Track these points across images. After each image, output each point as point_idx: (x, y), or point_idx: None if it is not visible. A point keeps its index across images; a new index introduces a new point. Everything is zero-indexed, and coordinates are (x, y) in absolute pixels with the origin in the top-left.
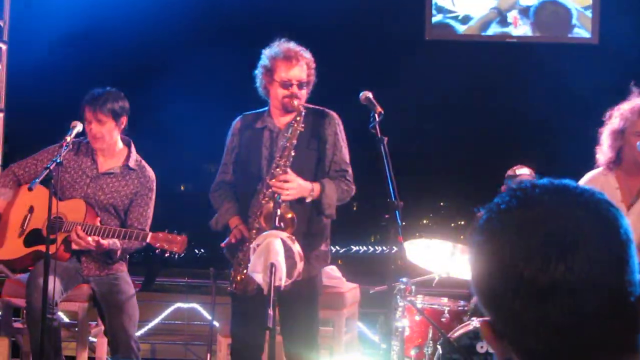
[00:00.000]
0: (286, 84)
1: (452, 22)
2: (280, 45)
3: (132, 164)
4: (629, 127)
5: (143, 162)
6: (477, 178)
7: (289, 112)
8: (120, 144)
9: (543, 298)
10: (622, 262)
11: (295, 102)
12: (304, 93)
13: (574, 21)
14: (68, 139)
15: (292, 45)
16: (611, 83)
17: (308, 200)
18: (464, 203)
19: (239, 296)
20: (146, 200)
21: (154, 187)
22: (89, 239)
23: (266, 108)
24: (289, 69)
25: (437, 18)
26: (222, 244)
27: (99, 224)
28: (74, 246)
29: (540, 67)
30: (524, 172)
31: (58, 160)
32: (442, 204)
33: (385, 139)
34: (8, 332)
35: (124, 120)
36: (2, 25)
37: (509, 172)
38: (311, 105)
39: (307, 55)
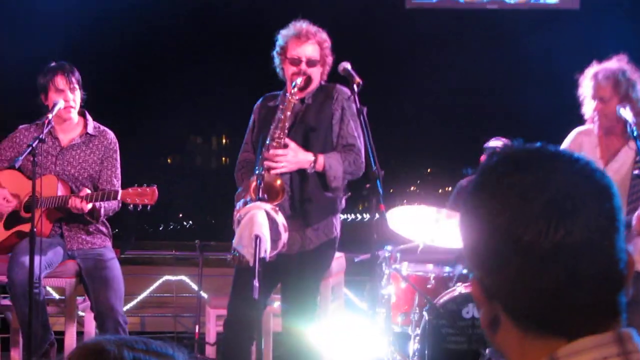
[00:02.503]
0: (295, 61)
1: None
2: (294, 24)
3: (92, 130)
4: (591, 92)
5: (101, 126)
6: (462, 145)
7: (303, 91)
8: (76, 116)
9: (542, 262)
10: (615, 229)
11: (299, 79)
12: (315, 71)
13: None
14: (50, 115)
15: (305, 24)
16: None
17: (309, 171)
18: (451, 170)
19: (238, 268)
20: (112, 162)
21: (117, 148)
22: (86, 204)
23: (284, 88)
24: (298, 46)
25: None
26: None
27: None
28: (78, 212)
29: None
30: (497, 144)
31: (41, 137)
32: (429, 170)
33: (365, 108)
34: (1, 309)
35: (82, 92)
36: None
37: (486, 144)
38: (324, 83)
39: (320, 34)
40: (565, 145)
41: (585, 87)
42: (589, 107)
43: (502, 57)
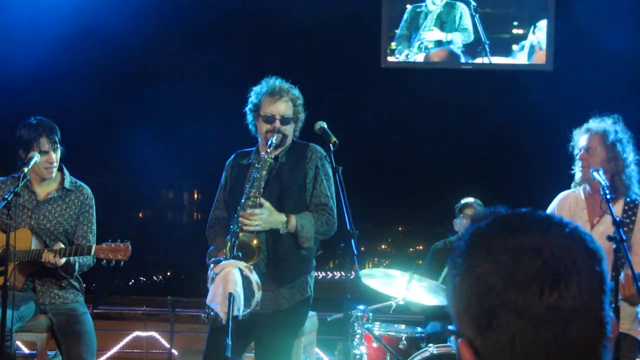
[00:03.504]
0: (269, 119)
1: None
2: (267, 81)
3: (68, 185)
4: (581, 143)
5: (78, 181)
6: (433, 206)
7: (276, 148)
8: (55, 171)
9: (535, 324)
10: (604, 292)
11: (275, 136)
12: (288, 128)
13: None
14: (26, 169)
15: (278, 81)
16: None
17: (282, 232)
18: (421, 229)
19: (212, 326)
20: (89, 218)
21: (93, 203)
22: (60, 259)
23: (257, 145)
24: (272, 103)
25: (392, 46)
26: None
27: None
28: (49, 265)
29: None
30: (469, 200)
31: (16, 190)
32: (400, 229)
33: (340, 168)
34: None
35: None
36: None
37: (459, 205)
38: (298, 140)
39: (293, 91)
40: (553, 206)
41: (577, 139)
42: (578, 164)
43: (478, 117)
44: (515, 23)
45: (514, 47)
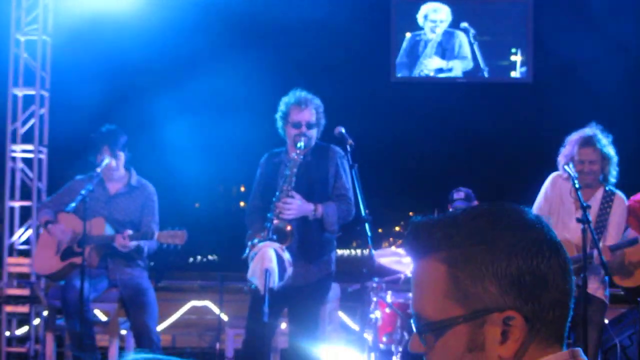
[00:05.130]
0: (296, 125)
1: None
2: (294, 93)
3: (134, 183)
4: (573, 154)
5: (142, 180)
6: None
7: (303, 150)
8: (122, 170)
9: (563, 276)
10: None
11: (302, 140)
12: (313, 132)
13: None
14: (99, 170)
15: (304, 93)
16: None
17: (311, 218)
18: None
19: (252, 296)
20: (152, 210)
21: (156, 198)
22: (131, 243)
23: (286, 146)
24: (298, 112)
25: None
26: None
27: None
28: (123, 249)
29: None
30: (459, 195)
31: (91, 188)
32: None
33: (356, 164)
34: (54, 328)
35: (126, 151)
36: (45, 75)
37: (451, 195)
38: (320, 142)
39: (315, 100)
40: (545, 186)
41: (569, 150)
42: (569, 166)
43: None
44: (513, 50)
45: (512, 73)
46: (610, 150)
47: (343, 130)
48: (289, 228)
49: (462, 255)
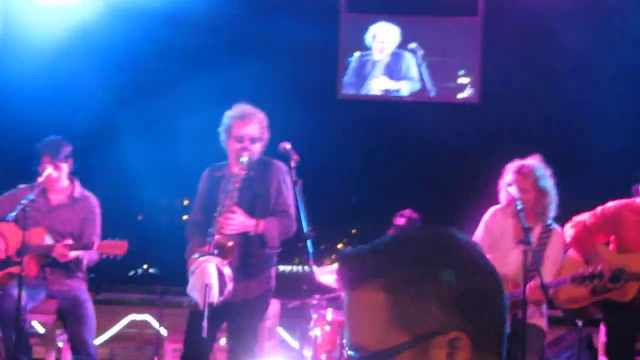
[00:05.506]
0: (240, 139)
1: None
2: (238, 107)
3: (77, 195)
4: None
5: (86, 192)
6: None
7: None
8: (65, 181)
9: (499, 297)
10: None
11: (245, 154)
12: (257, 146)
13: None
14: (40, 179)
15: (248, 106)
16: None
17: (252, 233)
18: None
19: (191, 310)
20: (93, 223)
21: (98, 211)
22: (70, 253)
23: (227, 160)
24: (242, 126)
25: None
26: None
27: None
28: (62, 259)
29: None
30: (400, 222)
31: (31, 197)
32: (353, 231)
33: (300, 181)
34: None
35: (70, 162)
36: None
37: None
38: (263, 156)
39: (259, 114)
40: (485, 220)
41: (507, 177)
42: (505, 194)
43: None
44: (461, 72)
45: (459, 95)
46: (548, 183)
47: (288, 147)
48: (230, 244)
49: (400, 279)
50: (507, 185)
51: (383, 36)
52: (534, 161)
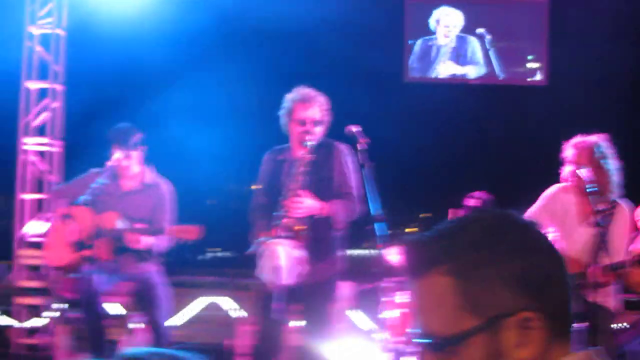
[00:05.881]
0: (301, 122)
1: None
2: (299, 90)
3: (149, 180)
4: (571, 158)
5: (158, 178)
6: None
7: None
8: (137, 168)
9: (566, 275)
10: None
11: (307, 138)
12: (318, 129)
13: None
14: (110, 164)
15: (309, 89)
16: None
17: (318, 216)
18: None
19: (263, 293)
20: (164, 208)
21: (169, 197)
22: (141, 238)
23: (288, 143)
24: (304, 109)
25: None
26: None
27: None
28: (134, 245)
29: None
30: (472, 203)
31: (102, 181)
32: (421, 216)
33: (371, 164)
34: (68, 321)
35: (142, 149)
36: (58, 69)
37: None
38: (325, 139)
39: (320, 97)
40: (545, 197)
41: (568, 153)
42: (567, 169)
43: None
44: (530, 57)
45: (528, 79)
46: (609, 162)
47: (355, 130)
48: (300, 227)
49: (466, 264)
50: (568, 162)
51: (447, 20)
52: (595, 138)
